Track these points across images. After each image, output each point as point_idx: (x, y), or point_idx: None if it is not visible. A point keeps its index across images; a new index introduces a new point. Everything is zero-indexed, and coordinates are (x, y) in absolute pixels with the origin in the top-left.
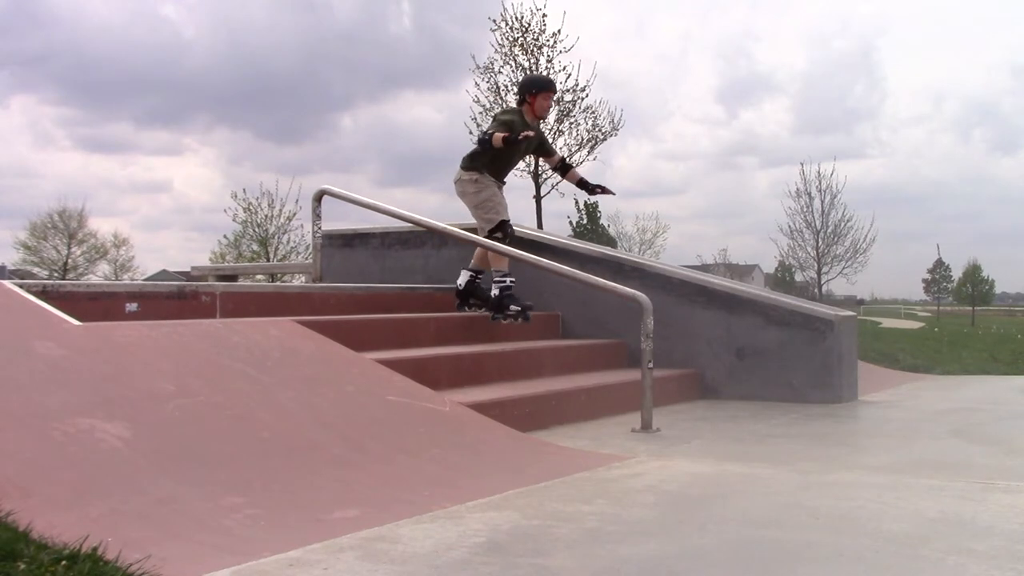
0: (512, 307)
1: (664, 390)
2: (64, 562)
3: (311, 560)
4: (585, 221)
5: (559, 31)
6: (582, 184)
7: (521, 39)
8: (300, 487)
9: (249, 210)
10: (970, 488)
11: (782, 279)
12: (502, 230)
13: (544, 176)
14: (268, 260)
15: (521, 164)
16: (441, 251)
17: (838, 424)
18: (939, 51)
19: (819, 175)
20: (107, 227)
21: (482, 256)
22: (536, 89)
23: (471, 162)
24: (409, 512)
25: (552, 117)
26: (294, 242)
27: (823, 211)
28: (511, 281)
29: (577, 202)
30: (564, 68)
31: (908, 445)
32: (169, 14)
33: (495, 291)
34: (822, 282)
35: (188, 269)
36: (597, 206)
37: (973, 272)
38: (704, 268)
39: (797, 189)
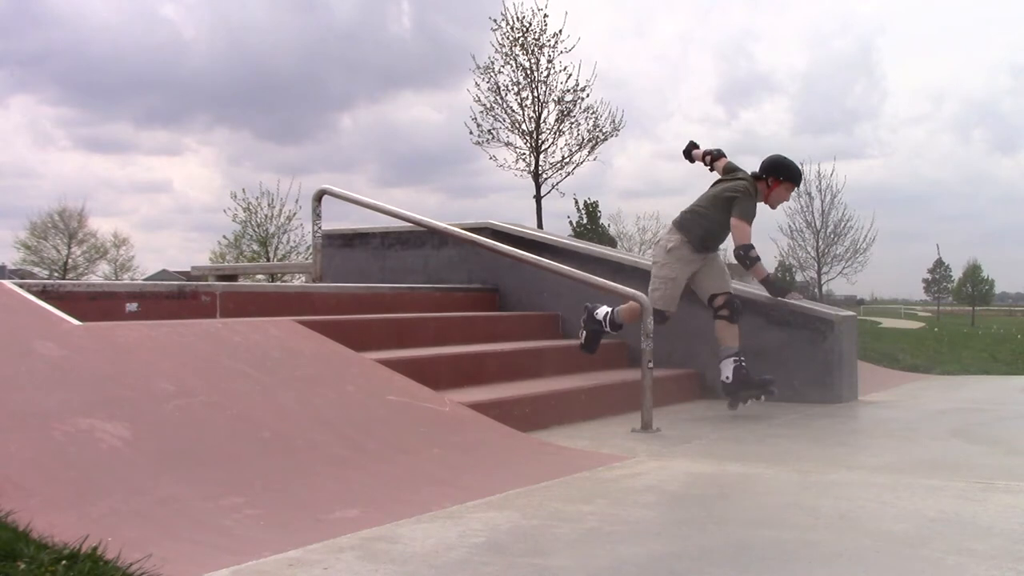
0: (739, 392)
1: (664, 390)
2: (64, 562)
3: (311, 560)
4: (585, 221)
5: (560, 31)
6: (767, 283)
7: (522, 39)
8: (300, 487)
9: (249, 210)
10: (970, 488)
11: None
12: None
13: (544, 176)
14: (268, 260)
15: (521, 164)
16: (441, 251)
17: (838, 424)
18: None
19: (819, 175)
20: (107, 227)
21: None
22: (785, 177)
23: (681, 226)
24: (409, 512)
25: (552, 117)
26: (294, 242)
27: (823, 211)
28: (743, 361)
29: (577, 202)
30: (565, 68)
31: (908, 445)
32: (169, 14)
33: (729, 369)
34: (822, 282)
35: (188, 269)
36: (597, 206)
37: (973, 272)
38: None
39: (797, 189)
